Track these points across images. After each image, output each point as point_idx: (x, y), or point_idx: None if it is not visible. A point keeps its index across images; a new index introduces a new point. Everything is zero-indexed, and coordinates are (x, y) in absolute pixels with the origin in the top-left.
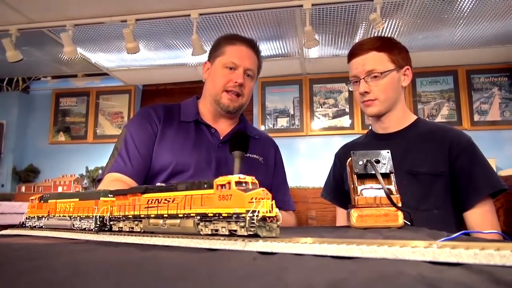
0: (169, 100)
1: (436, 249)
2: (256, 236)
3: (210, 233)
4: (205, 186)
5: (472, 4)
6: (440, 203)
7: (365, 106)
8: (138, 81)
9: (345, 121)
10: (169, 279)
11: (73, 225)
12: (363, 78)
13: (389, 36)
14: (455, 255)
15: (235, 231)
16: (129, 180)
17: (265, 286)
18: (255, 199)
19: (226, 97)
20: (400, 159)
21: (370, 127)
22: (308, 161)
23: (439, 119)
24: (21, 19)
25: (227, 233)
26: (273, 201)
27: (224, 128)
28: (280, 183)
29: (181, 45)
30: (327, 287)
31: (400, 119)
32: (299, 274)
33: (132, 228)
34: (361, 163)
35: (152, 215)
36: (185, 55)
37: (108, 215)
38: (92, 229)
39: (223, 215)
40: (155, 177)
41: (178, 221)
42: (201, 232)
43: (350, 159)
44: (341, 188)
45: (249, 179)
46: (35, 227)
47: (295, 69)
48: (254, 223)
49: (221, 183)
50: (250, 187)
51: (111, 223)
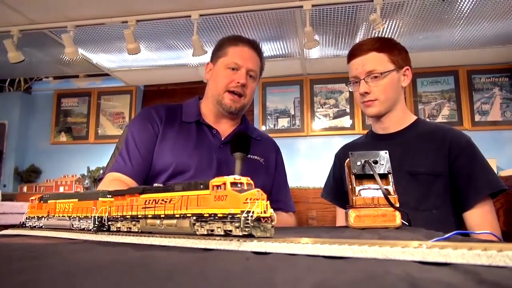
0: (170, 100)
1: (425, 249)
2: (250, 236)
3: (206, 233)
4: (201, 186)
5: (472, 5)
6: (439, 203)
7: (365, 107)
8: (139, 81)
9: (345, 121)
10: (160, 278)
11: (72, 225)
12: (363, 79)
13: (389, 36)
14: (443, 255)
15: (230, 231)
16: (129, 180)
17: (252, 285)
18: (250, 199)
19: (229, 98)
20: (400, 159)
21: (370, 128)
22: (308, 161)
23: (440, 119)
24: (22, 20)
25: (222, 233)
26: (268, 201)
27: (225, 129)
28: (281, 185)
29: (182, 45)
30: (313, 286)
31: (400, 119)
32: (289, 274)
33: (130, 228)
34: (359, 163)
35: (149, 216)
36: (186, 55)
37: (106, 215)
38: (90, 229)
39: (218, 215)
40: (156, 177)
41: (175, 221)
42: (197, 232)
43: (348, 159)
44: (341, 188)
45: (244, 180)
46: (35, 227)
47: (296, 69)
48: (248, 223)
49: (216, 184)
50: (245, 188)
51: (109, 223)
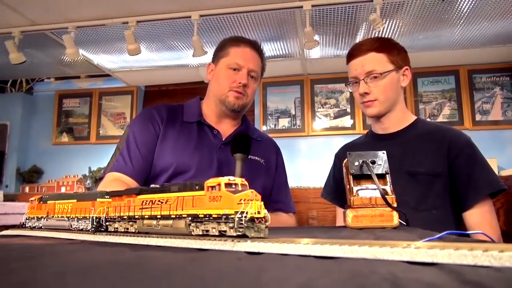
0: (171, 100)
1: (414, 249)
2: (244, 236)
3: (201, 233)
4: (197, 187)
5: (472, 4)
6: (439, 203)
7: (365, 107)
8: (140, 82)
9: (346, 121)
10: (154, 278)
11: (71, 225)
12: (363, 79)
13: (389, 36)
14: (430, 255)
15: (225, 231)
16: (129, 179)
17: (239, 285)
18: (244, 200)
19: (233, 95)
20: (400, 159)
21: (370, 128)
22: (309, 161)
23: (440, 119)
24: (23, 21)
25: (217, 233)
26: (262, 202)
27: (226, 129)
28: (281, 185)
29: (182, 46)
30: (299, 286)
31: (399, 119)
32: (277, 273)
33: (127, 228)
34: (356, 164)
35: (146, 216)
36: (187, 56)
37: (104, 216)
38: (88, 230)
39: (213, 216)
40: (156, 177)
41: (171, 222)
42: (192, 233)
43: (346, 160)
44: (341, 188)
45: (239, 181)
46: (34, 227)
47: (296, 69)
48: (242, 224)
49: (211, 184)
50: (240, 188)
51: (107, 223)
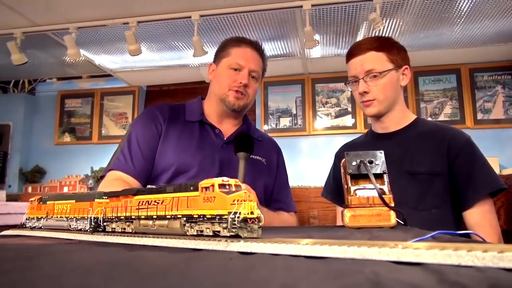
0: (172, 100)
1: (400, 249)
2: (238, 236)
3: (195, 233)
4: (191, 188)
5: (473, 3)
6: (438, 203)
7: (365, 106)
8: (141, 82)
9: (347, 120)
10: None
11: (70, 226)
12: (362, 78)
13: (390, 35)
14: (416, 255)
15: (219, 232)
16: (130, 178)
17: (225, 284)
18: (237, 201)
19: (233, 95)
20: (399, 158)
21: (370, 127)
22: (310, 160)
23: (442, 118)
24: (25, 22)
25: (211, 233)
26: (255, 202)
27: (228, 129)
28: (282, 185)
29: (183, 46)
30: (281, 286)
31: (399, 118)
32: (264, 273)
33: (124, 229)
34: (354, 163)
35: (142, 216)
36: (188, 56)
37: (102, 216)
38: (87, 230)
39: (207, 216)
40: (158, 176)
41: (166, 222)
42: (187, 233)
43: (344, 159)
44: (341, 187)
45: (232, 181)
46: (34, 227)
47: (297, 69)
48: (235, 224)
49: (205, 185)
50: (233, 189)
51: (105, 224)
